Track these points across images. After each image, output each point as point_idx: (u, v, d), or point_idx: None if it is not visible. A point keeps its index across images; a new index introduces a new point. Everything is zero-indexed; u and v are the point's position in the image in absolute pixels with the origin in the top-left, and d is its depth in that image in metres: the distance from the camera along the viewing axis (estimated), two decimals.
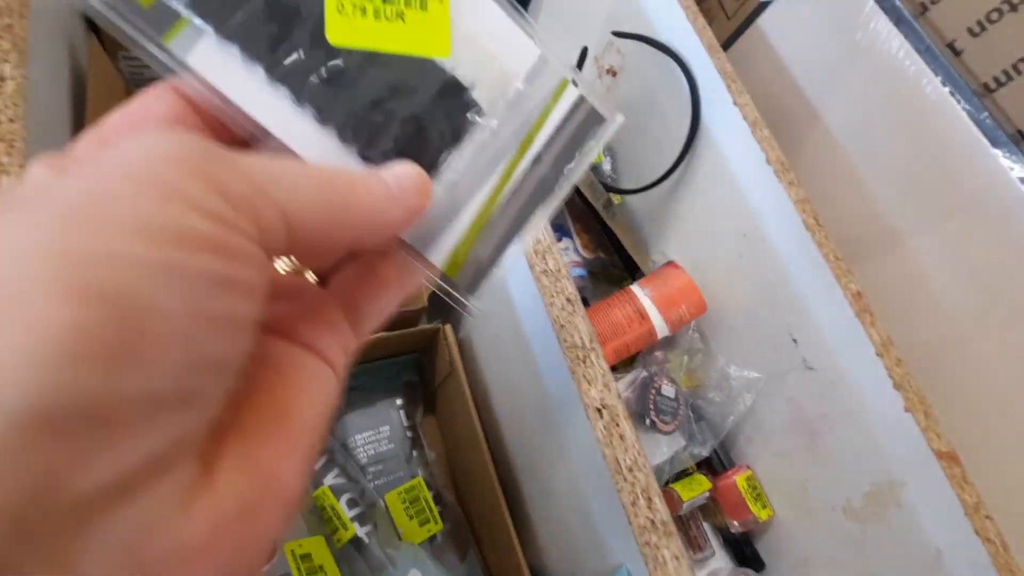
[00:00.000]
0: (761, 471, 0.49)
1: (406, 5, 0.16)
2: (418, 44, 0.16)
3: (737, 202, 0.48)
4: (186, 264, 0.10)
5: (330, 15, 0.15)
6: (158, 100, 0.14)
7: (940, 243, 0.50)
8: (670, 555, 0.26)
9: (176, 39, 0.14)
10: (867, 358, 0.39)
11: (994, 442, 0.46)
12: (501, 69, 0.17)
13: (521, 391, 0.35)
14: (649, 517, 0.27)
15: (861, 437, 0.40)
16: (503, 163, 0.17)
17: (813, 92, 0.57)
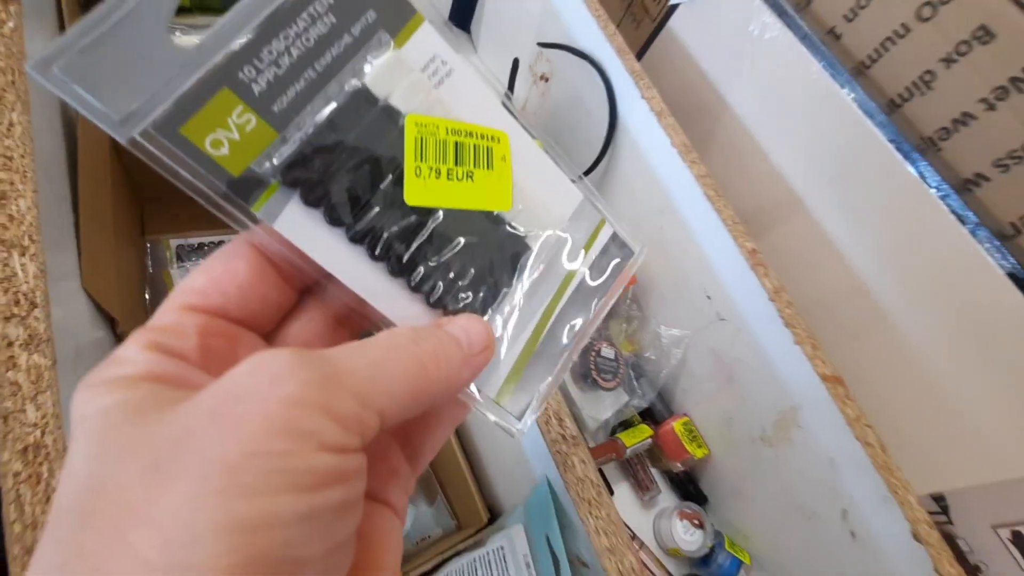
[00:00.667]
0: (696, 416, 0.56)
1: (475, 165, 0.17)
2: (485, 200, 0.18)
3: (653, 183, 0.55)
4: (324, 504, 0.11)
5: (408, 179, 0.16)
6: (238, 259, 0.15)
7: (833, 204, 0.57)
8: (578, 460, 0.33)
9: (265, 206, 0.14)
10: (763, 304, 0.46)
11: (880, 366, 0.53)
12: (550, 214, 0.19)
13: None
14: (560, 432, 0.33)
15: (765, 373, 0.47)
16: (548, 298, 0.18)
17: (720, 81, 0.64)
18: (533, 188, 0.19)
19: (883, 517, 0.41)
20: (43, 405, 0.25)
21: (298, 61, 0.15)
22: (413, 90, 0.17)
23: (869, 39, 0.56)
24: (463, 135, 0.17)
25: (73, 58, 0.12)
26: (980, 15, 0.48)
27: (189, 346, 0.14)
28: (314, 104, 0.15)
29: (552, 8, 0.64)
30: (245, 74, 0.14)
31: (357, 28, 0.16)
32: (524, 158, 0.18)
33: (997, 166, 0.49)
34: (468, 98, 0.18)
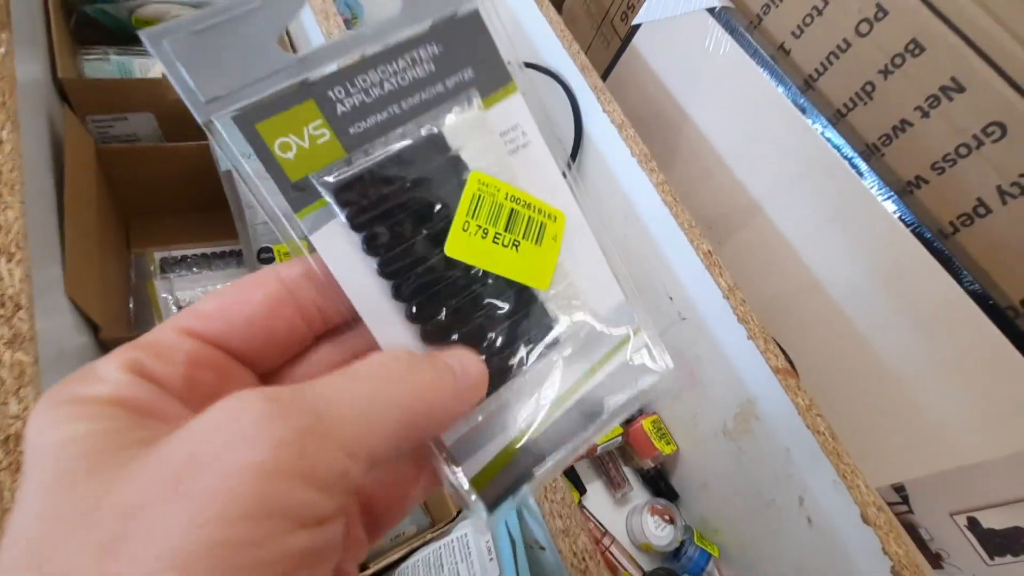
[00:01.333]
0: (664, 414, 0.58)
1: (524, 237, 0.17)
2: (523, 273, 0.17)
3: (617, 191, 0.58)
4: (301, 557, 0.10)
5: (455, 231, 0.16)
6: (256, 288, 0.14)
7: (788, 208, 0.60)
8: None
9: (310, 216, 0.14)
10: (718, 302, 0.48)
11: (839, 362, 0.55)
12: (585, 307, 0.18)
13: None
14: None
15: (724, 368, 0.49)
16: (559, 391, 0.17)
17: (681, 95, 0.68)
18: (576, 275, 0.18)
19: (835, 502, 0.43)
20: (25, 398, 0.27)
21: (387, 95, 0.16)
22: (486, 149, 0.17)
23: (815, 54, 0.60)
24: (521, 204, 0.17)
25: (184, 37, 0.13)
26: (911, 30, 0.51)
27: (173, 373, 0.13)
28: (388, 137, 0.16)
29: (520, 30, 0.68)
30: (335, 93, 0.15)
31: (452, 81, 0.16)
32: (575, 243, 0.18)
33: (934, 169, 0.52)
34: (537, 172, 0.18)
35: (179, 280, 0.50)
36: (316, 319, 0.15)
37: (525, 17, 0.67)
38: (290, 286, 0.15)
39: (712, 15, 0.63)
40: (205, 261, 0.54)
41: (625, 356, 0.18)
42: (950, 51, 0.50)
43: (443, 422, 0.14)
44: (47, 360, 0.31)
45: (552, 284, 0.17)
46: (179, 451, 0.10)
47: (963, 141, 0.50)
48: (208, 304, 0.14)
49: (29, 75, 0.46)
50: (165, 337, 0.13)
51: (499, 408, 0.16)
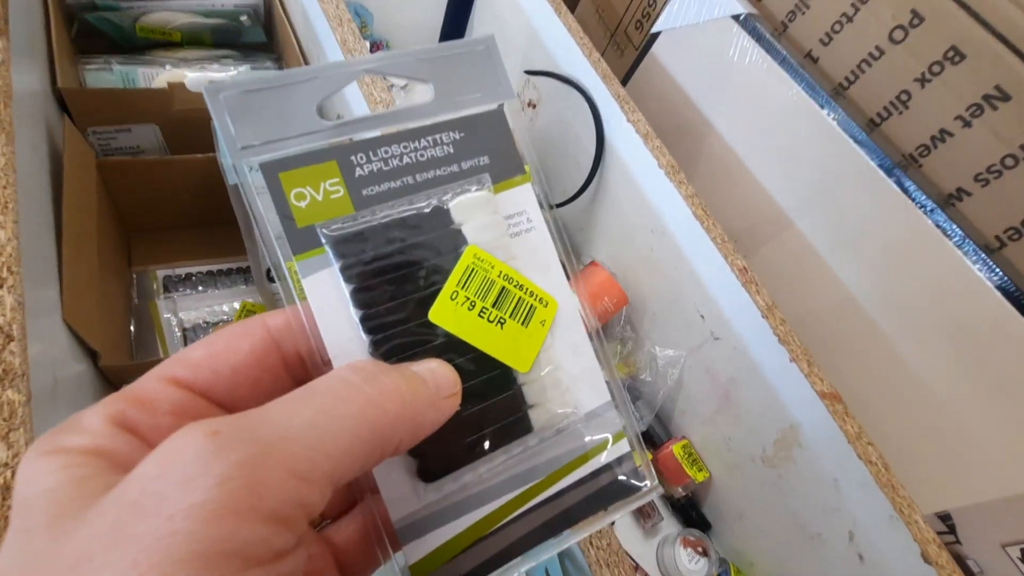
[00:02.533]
0: (695, 439, 0.55)
1: (511, 316, 0.17)
2: (504, 351, 0.16)
3: (642, 203, 0.55)
4: None
5: (442, 298, 0.16)
6: (244, 338, 0.14)
7: (820, 220, 0.57)
8: None
9: (305, 261, 0.15)
10: (756, 321, 0.46)
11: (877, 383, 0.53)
12: (566, 399, 0.17)
13: None
14: None
15: (763, 391, 0.46)
16: (525, 486, 0.16)
17: (704, 104, 0.66)
18: (561, 365, 0.17)
19: (890, 538, 0.40)
20: (15, 443, 0.24)
21: (404, 167, 0.17)
22: (488, 228, 0.17)
23: (845, 62, 0.58)
24: (513, 284, 0.17)
25: (238, 94, 0.15)
26: (950, 37, 0.49)
27: (156, 423, 0.13)
28: (397, 203, 0.16)
29: (538, 37, 0.66)
30: (357, 159, 0.16)
31: (467, 164, 0.17)
32: (566, 333, 0.18)
33: (977, 180, 0.50)
34: (535, 257, 0.18)
35: (183, 299, 0.48)
36: (298, 368, 0.15)
37: (542, 25, 0.65)
38: (276, 336, 0.15)
39: (737, 22, 0.61)
40: (211, 279, 0.51)
41: (601, 461, 0.17)
42: (993, 58, 0.47)
43: (419, 429, 0.14)
44: (42, 392, 0.28)
45: (534, 369, 0.17)
46: (126, 496, 0.10)
47: (1009, 152, 0.48)
48: (196, 352, 0.14)
49: (27, 85, 0.44)
50: (151, 387, 0.13)
51: (457, 491, 0.16)
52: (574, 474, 0.17)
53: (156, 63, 0.58)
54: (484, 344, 0.16)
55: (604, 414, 0.18)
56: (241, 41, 0.64)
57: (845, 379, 0.55)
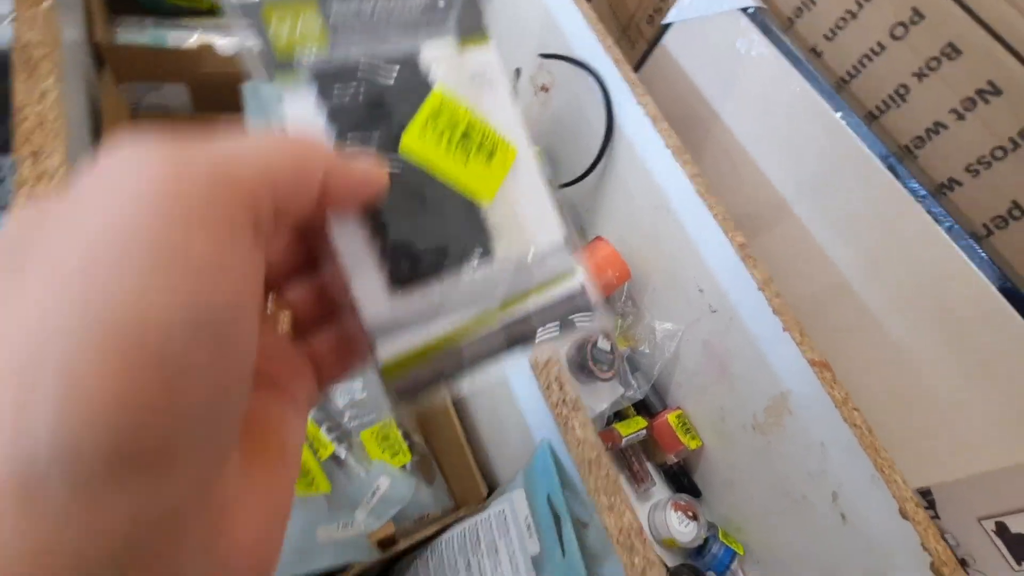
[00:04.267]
0: (690, 409, 0.57)
1: (476, 153, 0.18)
2: (469, 183, 0.18)
3: (648, 183, 0.58)
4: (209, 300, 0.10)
5: (412, 128, 0.17)
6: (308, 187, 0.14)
7: (818, 208, 0.60)
8: (578, 424, 0.34)
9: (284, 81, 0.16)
10: (752, 294, 0.48)
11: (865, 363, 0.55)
12: (524, 235, 0.19)
13: None
14: (560, 397, 0.34)
15: (756, 361, 0.49)
16: (486, 307, 0.18)
17: (711, 94, 0.68)
18: (519, 203, 0.19)
19: (871, 497, 0.42)
20: None
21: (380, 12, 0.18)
22: (456, 72, 0.18)
23: (848, 56, 0.60)
24: (478, 126, 0.18)
25: None
26: (947, 34, 0.52)
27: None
28: (371, 44, 0.18)
29: (553, 22, 0.68)
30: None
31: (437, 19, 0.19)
32: (523, 178, 0.19)
33: (968, 171, 0.52)
34: (498, 111, 0.19)
35: None
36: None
37: (558, 10, 0.68)
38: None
39: (746, 15, 0.63)
40: None
41: (561, 290, 0.19)
42: (987, 55, 0.50)
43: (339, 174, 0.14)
44: None
45: (495, 205, 0.18)
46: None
47: (999, 144, 0.50)
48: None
49: (67, 35, 0.46)
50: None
51: (427, 306, 0.17)
52: (531, 301, 0.18)
53: (187, 28, 0.60)
54: (450, 174, 0.17)
55: (559, 252, 0.19)
56: None
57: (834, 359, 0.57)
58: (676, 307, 0.56)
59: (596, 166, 0.62)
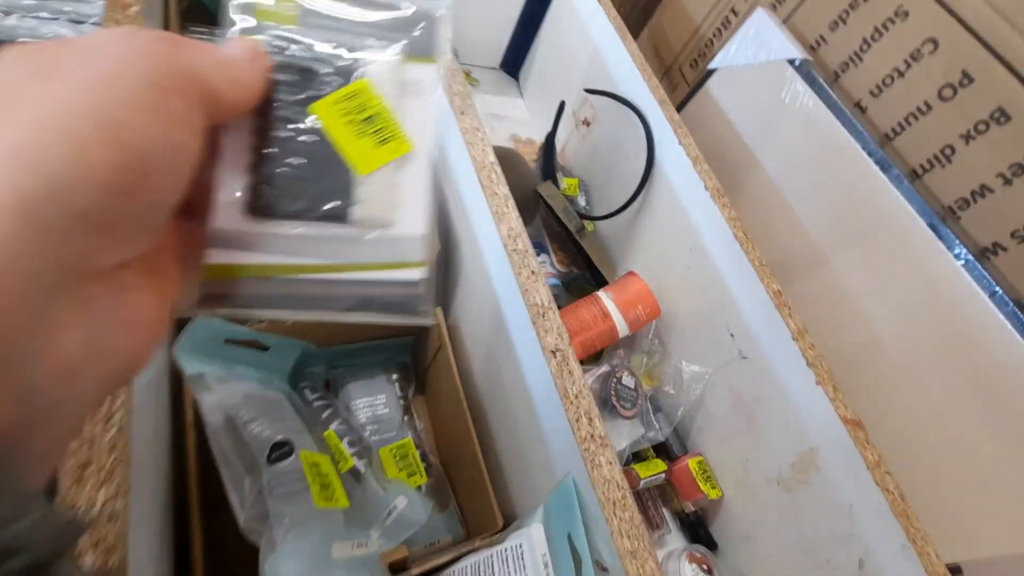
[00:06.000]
0: (711, 456, 0.56)
1: (374, 133, 0.20)
2: (353, 154, 0.19)
3: (685, 223, 0.58)
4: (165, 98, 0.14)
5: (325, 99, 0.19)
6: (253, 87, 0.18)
7: (856, 261, 0.59)
8: (605, 460, 0.33)
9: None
10: (786, 343, 0.47)
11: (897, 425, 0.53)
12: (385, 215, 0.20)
13: (496, 352, 0.43)
14: (589, 432, 0.34)
15: (785, 413, 0.48)
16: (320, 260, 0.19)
17: (751, 140, 0.69)
18: (396, 189, 0.20)
19: (901, 568, 0.40)
20: None
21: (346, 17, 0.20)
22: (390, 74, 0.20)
23: (893, 113, 0.60)
24: (385, 116, 0.20)
25: None
26: (997, 98, 0.52)
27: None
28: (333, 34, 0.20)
29: (600, 59, 0.70)
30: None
31: (392, 33, 0.21)
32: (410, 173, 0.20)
33: (1014, 237, 0.51)
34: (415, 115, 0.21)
35: None
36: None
37: (606, 48, 0.69)
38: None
39: (792, 66, 0.64)
40: None
41: (400, 275, 0.20)
42: None
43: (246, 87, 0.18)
44: None
45: (370, 181, 0.19)
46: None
47: None
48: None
49: None
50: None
51: (269, 238, 0.19)
52: (368, 274, 0.20)
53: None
54: (339, 141, 0.19)
55: (415, 243, 0.20)
56: None
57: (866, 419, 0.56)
58: (704, 350, 0.56)
59: (633, 201, 0.63)
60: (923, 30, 0.58)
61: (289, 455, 0.34)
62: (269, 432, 0.35)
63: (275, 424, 0.36)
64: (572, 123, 0.76)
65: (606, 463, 0.33)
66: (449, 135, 0.47)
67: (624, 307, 0.56)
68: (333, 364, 0.48)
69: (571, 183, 0.73)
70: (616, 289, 0.58)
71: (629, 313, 0.56)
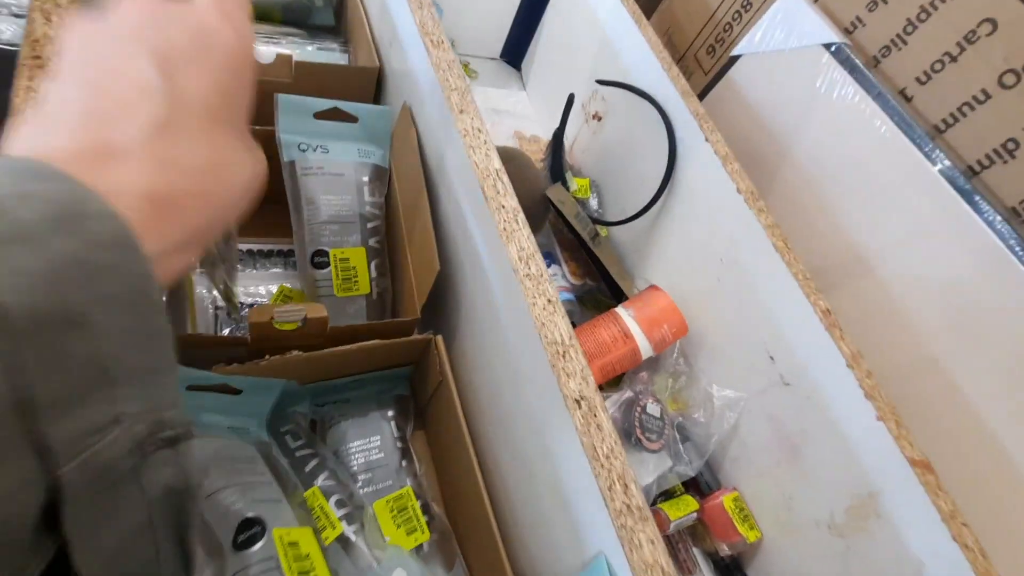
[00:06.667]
0: (747, 491, 0.50)
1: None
2: None
3: (713, 230, 0.52)
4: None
5: None
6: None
7: (904, 269, 0.52)
8: (646, 538, 0.27)
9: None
10: (838, 371, 0.41)
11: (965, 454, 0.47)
12: None
13: (506, 394, 0.37)
14: (625, 502, 0.28)
15: (839, 450, 0.42)
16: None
17: (782, 133, 0.62)
18: None
19: None
20: None
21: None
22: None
23: (944, 103, 0.54)
24: None
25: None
26: None
27: None
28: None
29: (611, 47, 0.63)
30: None
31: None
32: None
33: None
34: None
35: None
36: None
37: (617, 34, 0.63)
38: None
39: (828, 51, 0.58)
40: (250, 258, 0.48)
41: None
42: None
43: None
44: None
45: None
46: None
47: None
48: None
49: None
50: None
51: None
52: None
53: None
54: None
55: None
56: (310, 22, 0.62)
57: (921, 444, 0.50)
58: (738, 372, 0.50)
59: (652, 205, 0.57)
60: (978, 9, 0.51)
61: (260, 537, 0.28)
62: (239, 506, 0.29)
63: (246, 494, 0.30)
64: (581, 117, 0.70)
65: (647, 542, 0.27)
66: (446, 137, 0.40)
67: (647, 326, 0.50)
68: (320, 402, 0.42)
69: (582, 184, 0.67)
70: (638, 305, 0.52)
71: (653, 333, 0.50)
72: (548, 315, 0.32)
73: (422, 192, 0.42)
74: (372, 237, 0.46)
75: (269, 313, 0.33)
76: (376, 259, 0.46)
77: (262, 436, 0.36)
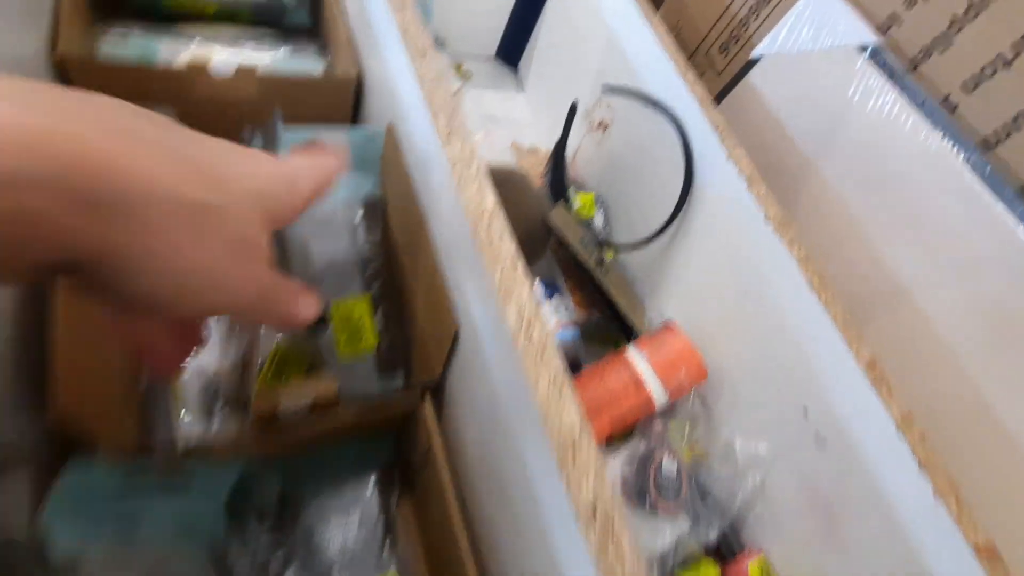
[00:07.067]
0: (775, 555, 0.45)
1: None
2: None
3: (736, 259, 0.46)
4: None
5: None
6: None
7: (951, 300, 0.47)
8: None
9: None
10: (886, 435, 0.36)
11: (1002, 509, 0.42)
12: None
13: (504, 478, 0.31)
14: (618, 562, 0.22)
15: (885, 525, 0.36)
16: None
17: (808, 146, 0.56)
18: None
19: None
20: None
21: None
22: None
23: (995, 114, 0.48)
24: None
25: None
26: None
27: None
28: None
29: (617, 45, 0.57)
30: None
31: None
32: None
33: None
34: None
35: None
36: None
37: (625, 33, 0.56)
38: None
39: (863, 54, 0.51)
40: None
41: None
42: None
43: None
44: None
45: None
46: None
47: None
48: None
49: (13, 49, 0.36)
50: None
51: None
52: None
53: (183, 37, 0.50)
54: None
55: None
56: (284, 22, 0.56)
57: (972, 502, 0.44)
58: (765, 423, 0.44)
59: (667, 228, 0.51)
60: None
61: None
62: None
63: None
64: (584, 125, 0.64)
65: None
66: (431, 168, 0.34)
67: (662, 371, 0.44)
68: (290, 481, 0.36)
69: (585, 200, 0.61)
70: (651, 347, 0.46)
71: (669, 379, 0.44)
72: (555, 398, 0.26)
73: (422, 226, 0.36)
74: (375, 281, 0.40)
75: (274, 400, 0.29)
76: (382, 305, 0.40)
77: (217, 531, 0.31)
